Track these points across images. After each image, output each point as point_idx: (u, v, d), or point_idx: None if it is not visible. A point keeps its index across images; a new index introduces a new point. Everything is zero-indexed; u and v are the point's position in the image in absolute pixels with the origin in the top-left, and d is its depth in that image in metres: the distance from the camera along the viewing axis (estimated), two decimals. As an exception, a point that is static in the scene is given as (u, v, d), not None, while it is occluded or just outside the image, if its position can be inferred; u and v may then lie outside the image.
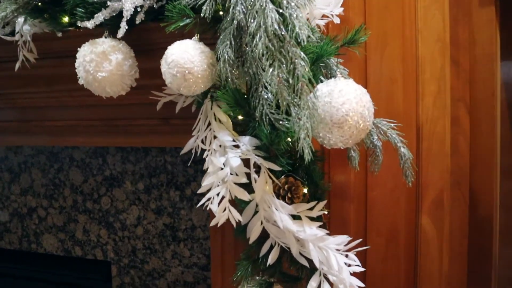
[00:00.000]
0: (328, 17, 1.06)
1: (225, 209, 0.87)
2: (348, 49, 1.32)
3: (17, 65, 1.09)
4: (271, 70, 0.70)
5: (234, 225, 0.88)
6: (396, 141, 0.92)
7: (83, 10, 0.94)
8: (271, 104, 0.78)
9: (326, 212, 1.01)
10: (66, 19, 1.03)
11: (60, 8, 1.02)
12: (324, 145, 0.86)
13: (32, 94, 1.26)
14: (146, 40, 1.02)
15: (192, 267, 1.36)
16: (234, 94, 0.79)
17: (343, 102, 0.79)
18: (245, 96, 0.83)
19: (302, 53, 0.70)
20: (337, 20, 0.98)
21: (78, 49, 0.96)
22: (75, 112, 1.24)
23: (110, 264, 1.49)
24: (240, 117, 0.91)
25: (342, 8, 0.99)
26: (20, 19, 1.08)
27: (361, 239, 0.96)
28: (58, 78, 1.19)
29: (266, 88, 0.78)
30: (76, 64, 0.94)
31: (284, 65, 0.70)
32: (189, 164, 0.97)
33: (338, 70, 0.87)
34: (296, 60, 0.70)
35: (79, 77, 0.95)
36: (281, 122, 0.77)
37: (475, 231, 1.26)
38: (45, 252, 1.59)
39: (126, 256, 1.46)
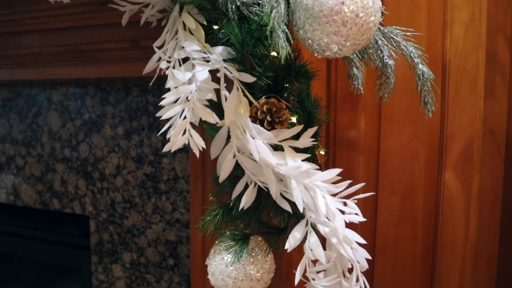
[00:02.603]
0: None
1: (184, 133, 0.68)
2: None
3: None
4: None
5: (197, 154, 0.69)
6: (413, 55, 0.70)
7: None
8: (240, -13, 0.58)
9: (322, 152, 0.81)
10: None
11: None
12: (315, 53, 0.66)
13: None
14: None
15: (174, 224, 1.19)
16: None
17: (337, -13, 0.59)
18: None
19: None
20: None
21: None
22: (39, 37, 1.08)
23: (88, 218, 1.34)
24: (215, 27, 0.72)
25: None
26: None
27: (364, 183, 0.75)
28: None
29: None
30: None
31: None
32: (150, 83, 0.80)
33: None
34: None
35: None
36: (251, 8, 0.57)
37: (511, 192, 1.04)
38: (24, 205, 1.45)
39: (104, 210, 1.30)
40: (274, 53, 0.69)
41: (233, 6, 0.58)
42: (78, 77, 1.07)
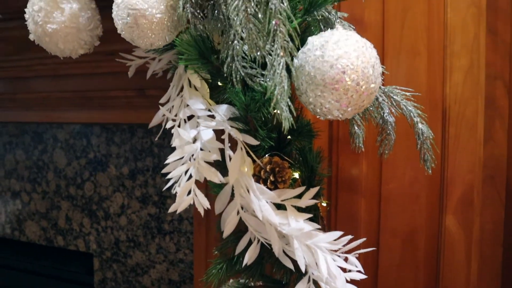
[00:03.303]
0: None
1: (189, 193, 0.70)
2: (362, 18, 1.13)
3: (-25, 24, 0.97)
4: (236, 1, 0.52)
5: (202, 213, 0.71)
6: (412, 114, 0.72)
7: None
8: (244, 57, 0.60)
9: (324, 204, 0.83)
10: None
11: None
12: (317, 115, 0.67)
13: (2, 63, 1.13)
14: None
15: (177, 264, 1.20)
16: (197, 43, 0.62)
17: (338, 56, 0.61)
18: (214, 47, 0.65)
19: (278, -19, 0.52)
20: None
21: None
22: (48, 83, 1.10)
23: (92, 256, 1.35)
24: (219, 83, 0.74)
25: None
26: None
27: (365, 238, 0.77)
28: (28, 42, 1.05)
29: (241, 38, 0.61)
30: (26, 16, 0.79)
31: (253, -3, 0.52)
32: (156, 138, 0.82)
33: (338, 20, 0.68)
34: (269, -10, 0.52)
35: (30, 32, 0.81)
36: (255, 79, 0.59)
37: (511, 236, 1.05)
38: (28, 241, 1.46)
39: (109, 248, 1.31)
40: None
41: (238, 76, 0.60)
42: (85, 121, 1.09)
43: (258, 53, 0.56)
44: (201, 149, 0.72)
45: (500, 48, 1.04)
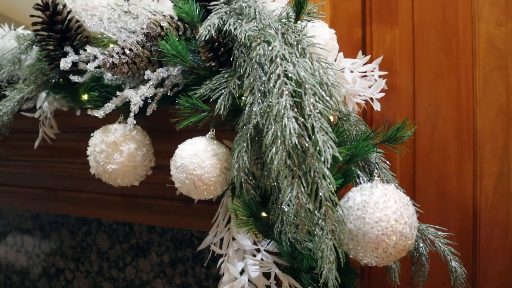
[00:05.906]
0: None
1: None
2: (394, 123, 1.18)
3: (37, 143, 1.06)
4: (289, 190, 0.58)
5: None
6: (446, 253, 0.76)
7: (96, 94, 0.88)
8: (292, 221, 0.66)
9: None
10: (85, 96, 0.98)
11: (80, 85, 0.97)
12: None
13: (57, 164, 1.22)
14: (166, 122, 0.94)
15: None
16: (249, 206, 0.68)
17: (379, 219, 0.66)
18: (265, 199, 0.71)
19: (326, 170, 0.58)
20: (377, 107, 0.85)
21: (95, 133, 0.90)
22: (98, 185, 1.18)
23: None
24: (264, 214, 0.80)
25: (383, 94, 0.86)
26: (42, 94, 1.05)
27: None
28: (80, 151, 1.14)
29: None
30: (88, 152, 0.88)
31: (304, 185, 0.58)
32: (205, 264, 0.89)
33: (376, 171, 0.74)
34: (319, 180, 0.58)
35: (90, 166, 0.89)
36: (303, 242, 0.65)
37: None
38: (71, 317, 1.53)
39: (149, 332, 1.36)
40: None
41: (286, 239, 0.65)
42: (131, 222, 1.16)
43: (305, 230, 0.62)
44: (249, 281, 0.78)
45: (529, 154, 1.08)
